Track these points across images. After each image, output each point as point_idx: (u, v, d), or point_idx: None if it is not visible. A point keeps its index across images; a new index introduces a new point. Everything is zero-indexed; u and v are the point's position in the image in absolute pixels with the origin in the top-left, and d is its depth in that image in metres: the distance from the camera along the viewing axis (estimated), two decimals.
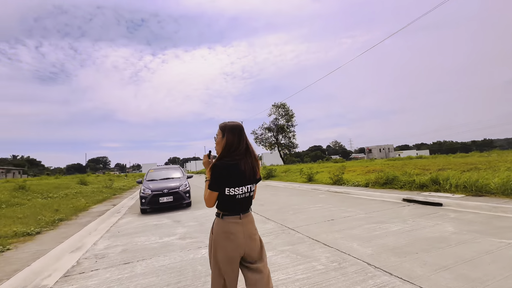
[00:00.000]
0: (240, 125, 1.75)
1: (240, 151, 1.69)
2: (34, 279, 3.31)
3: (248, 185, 1.70)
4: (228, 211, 1.69)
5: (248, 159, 1.71)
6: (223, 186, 1.63)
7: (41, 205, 8.69)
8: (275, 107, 45.93)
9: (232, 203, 1.67)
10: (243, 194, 1.68)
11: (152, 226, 6.00)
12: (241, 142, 1.70)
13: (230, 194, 1.65)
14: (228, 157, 1.67)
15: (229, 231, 1.65)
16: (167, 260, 3.67)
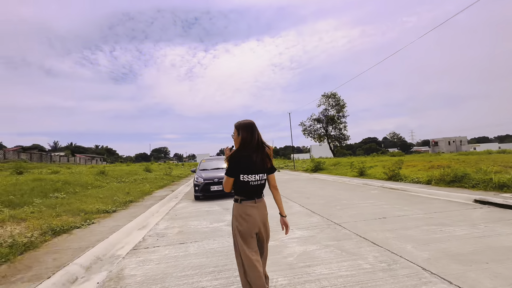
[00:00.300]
0: (252, 123, 2.03)
1: (253, 144, 1.96)
2: (111, 249, 3.98)
3: (259, 174, 1.97)
4: (245, 197, 1.98)
5: (260, 152, 1.98)
6: (238, 173, 1.93)
7: (116, 188, 10.24)
8: (325, 97, 43.95)
9: (247, 189, 1.96)
10: (255, 181, 1.96)
11: (204, 212, 6.52)
12: (253, 137, 1.97)
13: (244, 180, 1.93)
14: (243, 150, 1.95)
15: (247, 213, 1.95)
16: (216, 244, 3.98)
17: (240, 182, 1.95)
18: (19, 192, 7.10)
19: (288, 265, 3.06)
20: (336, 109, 43.22)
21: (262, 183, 2.04)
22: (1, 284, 2.70)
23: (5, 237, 3.90)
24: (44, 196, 7.34)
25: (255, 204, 2.00)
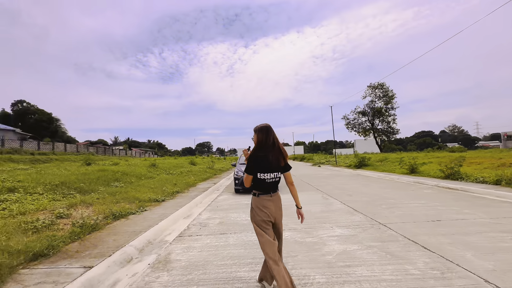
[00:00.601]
0: (268, 126, 2.26)
1: (268, 145, 2.20)
2: (160, 234, 4.37)
3: (275, 172, 2.22)
4: (262, 191, 2.24)
5: (275, 152, 2.22)
6: (256, 171, 2.18)
7: (165, 179, 11.15)
8: (371, 88, 40.94)
9: (263, 185, 2.21)
10: (271, 178, 2.21)
11: (243, 205, 6.71)
12: (268, 138, 2.21)
13: (261, 178, 2.18)
14: (260, 150, 2.20)
15: (264, 205, 2.23)
16: (254, 237, 4.07)
17: (257, 179, 2.20)
18: (87, 180, 8.23)
19: (326, 263, 2.98)
20: (384, 100, 39.92)
21: (277, 180, 2.28)
22: (75, 258, 3.18)
23: (77, 218, 4.58)
24: (106, 185, 8.37)
25: (271, 197, 2.26)
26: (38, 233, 3.79)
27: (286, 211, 5.71)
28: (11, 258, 2.93)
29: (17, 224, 3.96)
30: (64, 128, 51.42)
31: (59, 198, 6.05)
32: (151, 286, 2.62)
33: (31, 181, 6.73)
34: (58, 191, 6.65)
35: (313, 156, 44.41)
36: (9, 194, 5.56)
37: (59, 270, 2.85)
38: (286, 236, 3.99)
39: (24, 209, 4.75)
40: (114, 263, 3.10)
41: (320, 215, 5.23)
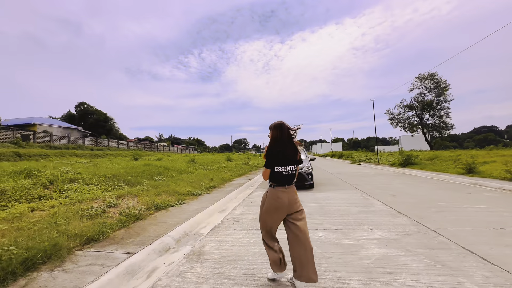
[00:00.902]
0: (281, 123, 2.41)
1: (283, 141, 2.37)
2: (195, 227, 4.55)
3: (291, 165, 2.38)
4: (277, 183, 2.39)
5: (290, 145, 2.38)
6: (273, 165, 2.35)
7: (202, 174, 11.64)
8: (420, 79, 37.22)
9: (280, 178, 2.37)
10: (287, 172, 2.37)
11: None
12: (283, 134, 2.37)
13: (277, 171, 2.36)
14: (275, 146, 2.37)
15: (278, 196, 2.37)
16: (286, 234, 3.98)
17: (274, 173, 2.37)
18: (134, 174, 8.98)
19: (364, 268, 2.76)
20: (435, 92, 35.94)
21: (293, 173, 2.43)
22: (120, 244, 3.48)
23: (124, 208, 5.01)
24: (150, 178, 9.04)
25: (285, 189, 2.40)
26: (91, 220, 4.23)
27: (321, 210, 5.52)
28: (69, 240, 3.32)
29: (75, 210, 4.48)
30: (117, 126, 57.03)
31: (110, 189, 6.70)
32: (185, 276, 2.73)
33: (88, 174, 7.57)
34: (110, 182, 7.38)
35: (352, 154, 42.17)
36: (71, 184, 6.33)
37: (106, 254, 3.13)
38: (321, 236, 3.83)
39: (81, 198, 5.37)
40: (153, 251, 3.31)
41: (358, 216, 4.92)
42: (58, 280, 2.50)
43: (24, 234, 3.24)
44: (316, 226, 4.36)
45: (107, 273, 2.64)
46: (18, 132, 28.23)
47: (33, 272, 2.63)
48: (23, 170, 6.50)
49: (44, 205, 4.70)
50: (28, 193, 5.20)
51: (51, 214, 4.17)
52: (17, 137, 27.30)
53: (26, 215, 4.08)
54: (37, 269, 2.69)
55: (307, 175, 8.39)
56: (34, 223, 3.71)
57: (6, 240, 2.99)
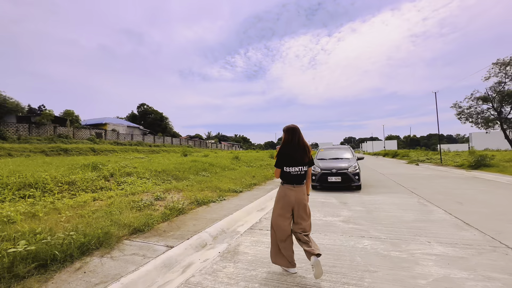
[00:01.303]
0: (293, 127, 2.65)
1: (294, 143, 2.59)
2: (233, 224, 4.57)
3: (299, 166, 2.58)
4: (286, 182, 2.64)
5: (300, 150, 2.59)
6: (282, 165, 2.60)
7: (245, 171, 11.81)
8: (499, 65, 31.34)
9: (288, 177, 2.60)
10: (295, 172, 2.58)
11: (319, 203, 6.29)
12: (294, 138, 2.60)
13: (286, 171, 2.58)
14: (286, 148, 2.59)
15: (286, 193, 2.62)
16: (327, 240, 3.69)
17: (284, 172, 2.61)
18: (182, 169, 9.58)
19: None
20: None
21: (302, 174, 2.62)
22: (162, 236, 3.67)
23: (169, 202, 5.33)
24: (196, 174, 9.53)
25: (294, 188, 2.61)
26: (140, 211, 4.59)
27: (368, 215, 5.01)
28: (119, 230, 3.63)
29: (128, 202, 4.92)
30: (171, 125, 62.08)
31: (159, 183, 7.24)
32: (217, 275, 2.71)
33: (142, 168, 8.33)
34: (160, 177, 7.99)
35: (409, 152, 37.93)
36: (127, 178, 7.04)
37: (148, 245, 3.33)
38: (366, 245, 3.44)
39: (134, 190, 5.90)
40: (190, 246, 3.40)
41: (413, 225, 4.30)
42: (105, 267, 2.72)
43: (84, 221, 3.66)
44: (361, 232, 3.95)
45: (146, 264, 2.79)
46: (93, 131, 33.00)
47: (87, 256, 2.93)
48: (91, 164, 7.46)
49: (104, 195, 5.29)
50: (92, 184, 5.94)
51: (108, 204, 4.66)
52: (92, 135, 31.95)
53: (89, 204, 4.63)
54: (90, 254, 2.99)
55: (353, 176, 7.76)
56: (93, 211, 4.17)
57: (69, 225, 3.41)
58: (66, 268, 2.65)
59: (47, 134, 26.83)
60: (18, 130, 24.76)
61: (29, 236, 2.86)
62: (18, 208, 3.70)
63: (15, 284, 2.29)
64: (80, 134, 30.78)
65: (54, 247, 2.77)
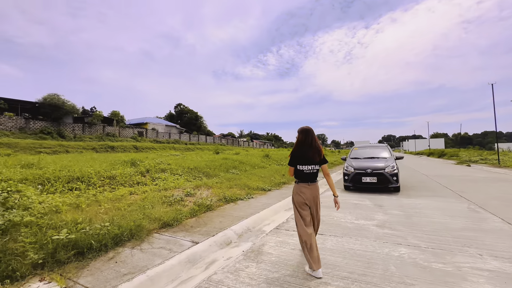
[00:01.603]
0: (307, 129, 2.80)
1: (307, 144, 2.75)
2: (259, 223, 4.51)
3: (311, 165, 2.73)
4: (301, 180, 2.78)
5: (312, 150, 2.73)
6: (295, 164, 2.76)
7: (275, 170, 11.69)
8: None
9: (302, 175, 2.75)
10: (308, 170, 2.73)
11: (351, 205, 5.93)
12: (307, 138, 2.75)
13: (299, 169, 2.74)
14: (299, 148, 2.77)
15: (301, 190, 2.76)
16: (358, 245, 3.44)
17: (297, 170, 2.78)
18: (213, 166, 9.82)
19: None
20: None
21: (314, 172, 2.78)
22: (189, 232, 3.77)
23: (198, 198, 5.47)
24: (226, 171, 9.69)
25: (308, 186, 2.77)
26: (171, 206, 4.78)
27: (406, 220, 4.57)
28: (150, 223, 3.81)
29: (160, 197, 5.17)
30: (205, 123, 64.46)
31: (191, 180, 7.50)
32: (239, 274, 2.67)
33: (176, 165, 8.72)
34: (192, 173, 8.28)
35: (459, 152, 34.07)
36: (161, 174, 7.42)
37: (175, 240, 3.43)
38: (402, 253, 3.11)
39: (167, 186, 6.18)
40: (215, 243, 3.42)
41: (461, 234, 3.79)
42: (134, 258, 2.86)
43: (119, 213, 3.92)
44: (397, 239, 3.59)
45: (171, 258, 2.87)
46: (136, 130, 35.70)
47: (119, 247, 3.11)
48: (130, 160, 8.03)
49: (139, 190, 5.63)
50: (130, 179, 6.37)
51: (142, 198, 4.94)
52: (135, 133, 34.59)
53: (125, 197, 4.96)
54: (123, 245, 3.18)
55: (391, 176, 7.17)
56: (128, 205, 4.45)
57: (106, 217, 3.67)
58: (101, 257, 2.85)
59: (97, 133, 29.75)
60: (74, 129, 27.87)
61: (71, 226, 3.13)
62: (65, 200, 4.10)
63: (57, 269, 2.52)
64: (125, 132, 33.52)
65: (91, 237, 2.99)
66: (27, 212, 3.31)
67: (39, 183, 4.90)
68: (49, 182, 5.04)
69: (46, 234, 2.84)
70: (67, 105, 27.09)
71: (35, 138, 22.09)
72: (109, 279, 2.40)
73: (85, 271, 2.54)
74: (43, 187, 4.81)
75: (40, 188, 4.70)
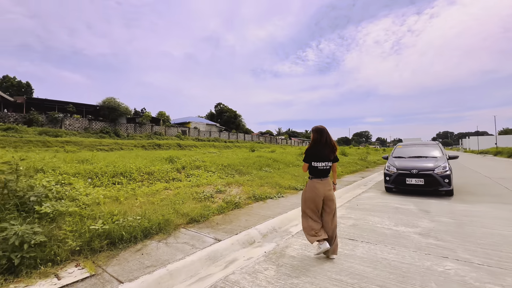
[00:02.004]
0: (322, 128, 3.01)
1: (321, 142, 2.96)
2: (286, 224, 4.36)
3: (325, 162, 2.94)
4: (314, 176, 2.97)
5: (326, 148, 2.96)
6: (311, 161, 2.95)
7: None
8: None
9: (316, 171, 2.95)
10: (322, 167, 2.93)
11: (391, 208, 5.38)
12: (322, 137, 2.96)
13: (314, 165, 2.94)
14: (314, 146, 2.97)
15: (315, 186, 2.95)
16: (393, 254, 3.07)
17: (312, 167, 2.95)
18: (246, 164, 9.91)
19: None
20: None
21: (327, 168, 2.96)
22: (214, 228, 3.81)
23: (227, 195, 5.54)
24: (259, 169, 9.68)
25: (321, 181, 2.94)
26: (200, 202, 4.92)
27: (457, 229, 3.96)
28: (178, 218, 3.96)
29: (191, 193, 5.37)
30: (244, 122, 65.76)
31: (223, 177, 7.66)
32: (257, 276, 2.59)
33: (210, 162, 9.01)
34: (225, 171, 8.46)
35: None
36: (195, 171, 7.73)
37: (199, 236, 3.50)
38: (448, 268, 2.68)
39: (199, 183, 6.40)
40: (237, 242, 3.39)
41: None
42: (159, 251, 2.99)
43: (151, 207, 4.16)
44: (444, 252, 3.11)
45: (192, 254, 2.92)
46: (180, 128, 38.11)
47: (147, 239, 3.29)
48: (168, 157, 8.54)
49: (173, 185, 5.93)
50: (166, 175, 6.76)
51: (175, 194, 5.19)
52: (179, 132, 36.94)
53: (160, 192, 5.27)
54: (151, 238, 3.35)
55: (441, 178, 6.30)
56: (161, 199, 4.71)
57: (139, 210, 3.93)
58: (130, 248, 3.04)
59: (146, 132, 32.56)
60: (127, 129, 30.93)
61: (107, 217, 3.41)
62: (106, 193, 4.52)
63: (90, 256, 2.76)
64: (170, 131, 36.05)
65: (123, 228, 3.22)
66: (74, 203, 3.71)
67: (88, 177, 5.49)
68: (96, 176, 5.62)
69: (85, 223, 3.13)
70: (121, 107, 30.18)
71: (96, 137, 25.11)
72: (133, 270, 2.54)
73: (114, 261, 2.73)
74: (92, 180, 5.38)
75: (89, 181, 5.26)
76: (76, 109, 29.18)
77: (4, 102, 27.20)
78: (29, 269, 2.36)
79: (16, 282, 2.22)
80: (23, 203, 3.07)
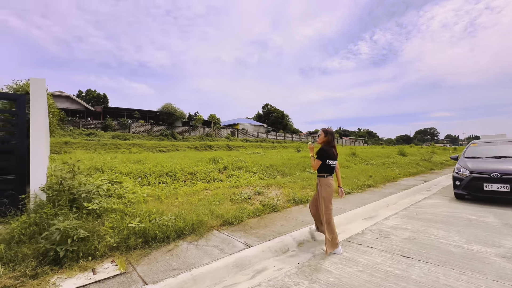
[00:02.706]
0: (332, 131, 3.47)
1: (333, 143, 3.42)
2: None
3: (335, 161, 3.37)
4: (329, 173, 3.34)
5: (334, 148, 3.41)
6: (325, 159, 3.30)
7: (361, 170, 10.31)
8: None
9: (329, 168, 3.33)
10: (334, 164, 3.36)
11: (463, 220, 4.42)
12: (333, 139, 3.43)
13: (328, 164, 3.31)
14: (328, 146, 3.37)
15: (330, 183, 3.33)
16: (462, 282, 2.42)
17: (326, 165, 3.30)
18: (289, 165, 9.56)
19: None
20: None
21: (335, 166, 3.42)
22: (246, 232, 3.65)
23: (265, 197, 5.34)
24: (303, 170, 9.22)
25: (331, 177, 3.37)
26: (237, 204, 4.83)
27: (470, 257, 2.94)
28: (212, 219, 3.93)
29: (229, 194, 5.34)
30: (291, 122, 64.85)
31: (264, 178, 7.50)
32: None
33: (252, 163, 8.95)
34: (266, 172, 8.29)
35: None
36: (237, 171, 7.75)
37: (230, 239, 3.38)
38: None
39: (239, 183, 6.36)
40: (268, 249, 3.16)
41: None
42: (188, 253, 2.96)
43: (189, 207, 4.23)
44: None
45: (219, 260, 2.80)
46: (229, 130, 39.66)
47: (180, 240, 3.31)
48: (212, 158, 8.79)
49: (213, 186, 6.01)
50: (208, 175, 6.92)
51: (213, 194, 5.22)
52: (228, 133, 38.46)
53: (199, 193, 5.38)
54: (183, 238, 3.37)
55: None
56: (200, 200, 4.78)
57: (176, 210, 4.02)
58: (162, 247, 3.09)
59: (199, 134, 34.80)
60: (182, 131, 33.56)
61: (145, 216, 3.56)
62: (150, 192, 4.79)
63: (125, 253, 2.88)
64: (220, 133, 37.80)
65: (158, 227, 3.30)
66: (120, 200, 4.01)
67: (138, 176, 5.96)
68: (145, 176, 6.06)
69: (125, 221, 3.32)
70: (177, 112, 32.91)
71: (156, 140, 27.91)
72: (159, 271, 2.54)
73: (145, 259, 2.79)
74: (141, 179, 5.82)
75: (139, 180, 5.70)
76: (140, 115, 33.00)
77: (88, 111, 32.48)
78: (72, 262, 2.56)
79: (60, 273, 2.42)
80: (75, 200, 3.42)
